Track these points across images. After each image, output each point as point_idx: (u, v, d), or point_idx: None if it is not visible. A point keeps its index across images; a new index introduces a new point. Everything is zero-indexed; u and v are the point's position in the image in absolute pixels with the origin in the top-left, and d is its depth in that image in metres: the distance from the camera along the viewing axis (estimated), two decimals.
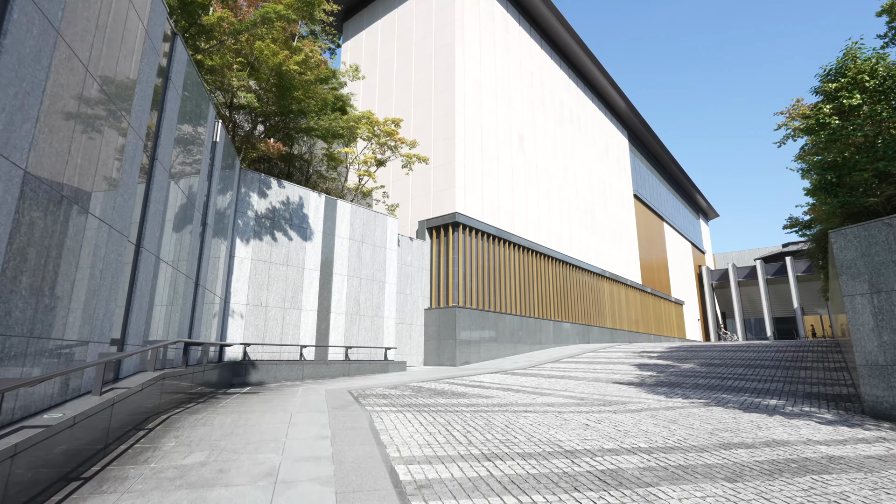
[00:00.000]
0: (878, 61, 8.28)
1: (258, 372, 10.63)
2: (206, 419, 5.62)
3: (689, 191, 53.79)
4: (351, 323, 13.50)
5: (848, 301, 7.68)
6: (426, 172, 19.04)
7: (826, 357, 12.92)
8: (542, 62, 26.55)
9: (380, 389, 9.35)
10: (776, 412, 7.32)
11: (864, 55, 8.55)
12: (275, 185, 12.30)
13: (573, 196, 27.28)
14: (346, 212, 13.96)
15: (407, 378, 11.84)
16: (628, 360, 14.88)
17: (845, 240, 7.75)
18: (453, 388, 9.88)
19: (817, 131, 8.78)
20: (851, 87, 8.36)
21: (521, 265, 21.45)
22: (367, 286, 14.13)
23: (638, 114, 36.72)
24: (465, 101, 19.50)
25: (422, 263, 17.92)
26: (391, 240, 15.24)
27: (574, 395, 9.04)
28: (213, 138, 8.74)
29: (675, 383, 10.39)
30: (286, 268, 12.20)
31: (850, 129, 8.15)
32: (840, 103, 8.41)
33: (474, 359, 17.18)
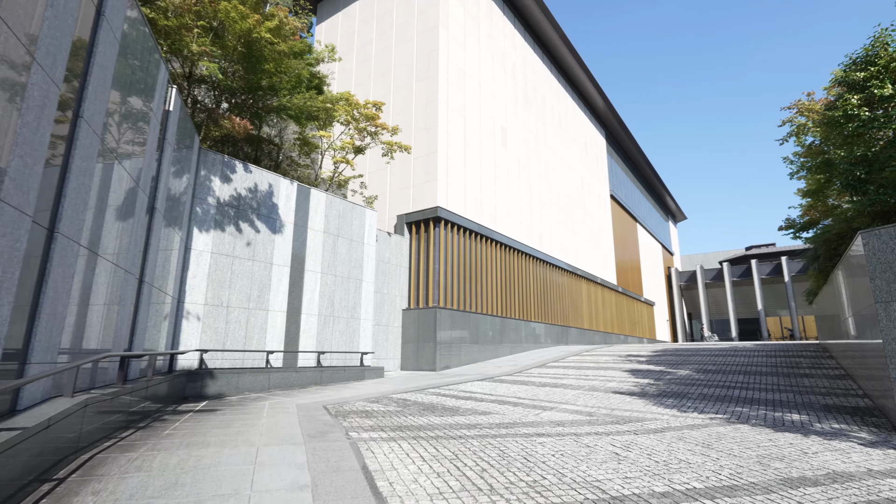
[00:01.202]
0: None
1: (217, 382, 9.22)
2: (143, 459, 4.31)
3: (660, 193, 54.51)
4: (324, 325, 12.18)
5: (882, 308, 7.01)
6: (406, 163, 17.84)
7: (820, 363, 12.53)
8: (525, 55, 25.73)
9: (360, 404, 8.15)
10: (809, 431, 6.59)
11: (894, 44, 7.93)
12: (240, 169, 10.85)
13: (554, 194, 26.63)
14: (321, 202, 12.62)
15: (387, 387, 10.66)
16: (617, 366, 14.17)
17: (880, 241, 7.09)
18: (443, 401, 8.79)
19: (843, 123, 8.13)
20: (883, 76, 7.73)
21: (503, 264, 20.55)
22: (342, 284, 12.84)
23: (616, 113, 36.55)
24: (448, 88, 18.39)
25: (400, 261, 16.73)
26: (369, 234, 13.98)
27: (579, 409, 8.11)
28: (165, 106, 7.31)
29: (679, 393, 9.64)
30: (252, 263, 10.78)
31: (882, 122, 7.51)
32: (871, 93, 7.78)
33: (454, 363, 16.15)
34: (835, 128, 8.26)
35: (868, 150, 7.70)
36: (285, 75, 10.91)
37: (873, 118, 7.68)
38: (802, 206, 16.17)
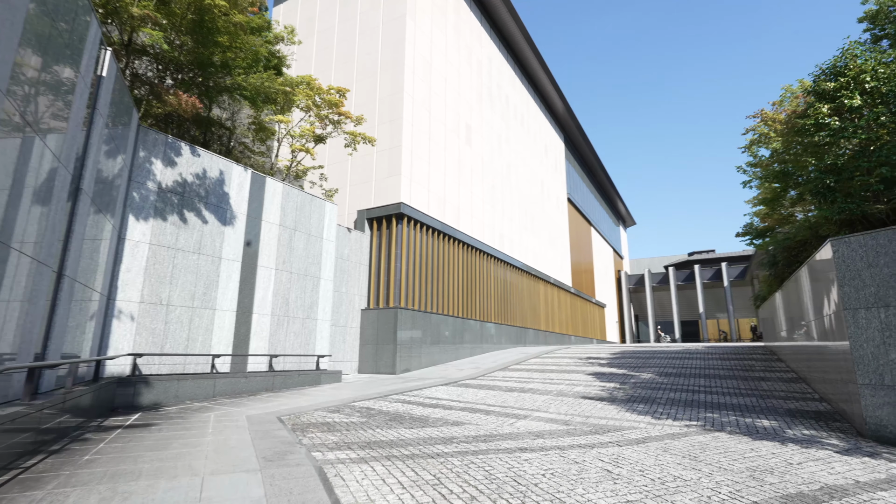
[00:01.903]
0: (879, 63, 7.87)
1: (153, 391, 8.16)
2: (52, 501, 3.43)
3: (613, 198, 56.22)
4: (278, 326, 11.24)
5: (850, 314, 7.10)
6: (368, 157, 17.03)
7: (772, 366, 12.95)
8: (490, 53, 25.49)
9: (319, 414, 7.40)
10: (784, 439, 6.53)
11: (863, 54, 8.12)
12: (187, 151, 9.74)
13: (516, 195, 26.57)
14: (277, 193, 11.64)
15: (347, 394, 9.91)
16: (580, 369, 14.08)
17: (849, 249, 7.18)
18: (409, 409, 8.18)
19: (813, 132, 8.24)
20: (852, 88, 7.88)
21: (465, 264, 20.15)
22: (298, 282, 11.92)
23: (574, 117, 37.17)
24: (414, 81, 17.75)
25: (360, 258, 15.92)
26: (329, 229, 13.12)
27: (553, 417, 7.76)
28: (97, 70, 6.27)
29: (648, 398, 9.53)
30: (198, 257, 9.71)
31: (851, 132, 7.64)
32: (841, 103, 7.91)
33: (415, 365, 15.54)
34: (804, 136, 8.37)
35: (837, 159, 7.82)
36: (241, 52, 9.91)
37: (843, 128, 7.80)
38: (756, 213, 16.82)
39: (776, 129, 11.17)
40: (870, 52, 8.08)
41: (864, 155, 7.65)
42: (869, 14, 9.59)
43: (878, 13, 9.30)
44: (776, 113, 11.31)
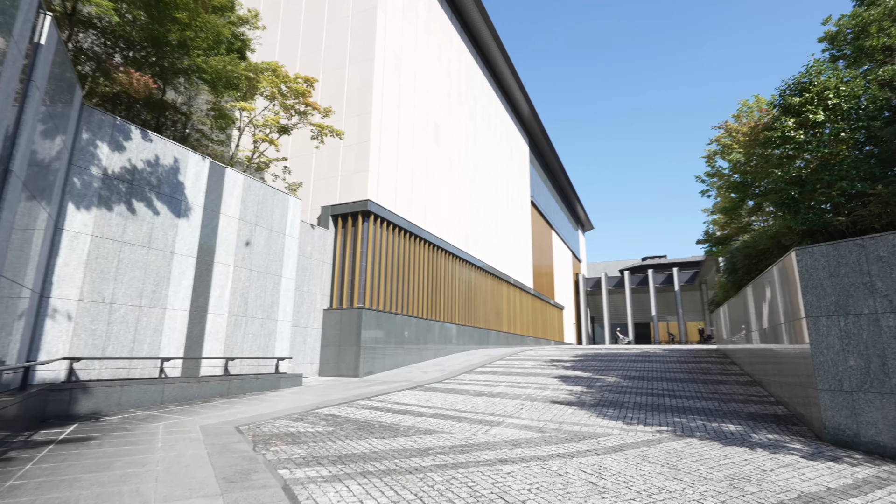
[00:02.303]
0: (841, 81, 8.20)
1: (92, 398, 7.39)
2: None
3: (573, 202, 57.51)
4: (235, 327, 10.54)
5: (811, 322, 7.34)
6: (335, 151, 16.43)
7: (727, 369, 13.43)
8: (460, 53, 25.32)
9: (282, 423, 6.91)
10: (753, 444, 6.64)
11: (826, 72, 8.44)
12: (137, 136, 8.92)
13: (482, 196, 26.53)
14: (238, 185, 10.93)
15: (309, 399, 9.40)
16: (545, 371, 14.11)
17: (812, 258, 7.42)
18: (378, 416, 7.80)
19: (779, 144, 8.50)
20: (816, 103, 8.17)
21: (430, 264, 19.86)
22: (258, 280, 11.25)
23: (539, 121, 37.66)
24: (384, 75, 17.29)
25: (323, 256, 15.31)
26: (292, 224, 12.48)
27: (527, 423, 7.60)
28: (34, 36, 5.53)
29: (616, 402, 9.58)
30: (147, 251, 8.92)
31: (815, 146, 7.92)
32: (806, 118, 8.19)
33: (378, 367, 15.11)
34: (771, 147, 8.63)
35: (801, 171, 8.08)
36: (201, 31, 9.19)
37: (807, 141, 8.07)
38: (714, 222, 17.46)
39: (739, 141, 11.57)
40: (832, 71, 8.41)
41: (826, 169, 7.94)
42: (828, 35, 10.06)
43: (836, 34, 9.75)
44: (740, 125, 11.71)
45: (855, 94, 8.08)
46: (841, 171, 7.69)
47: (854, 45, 9.10)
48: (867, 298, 6.86)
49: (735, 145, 11.90)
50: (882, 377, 6.59)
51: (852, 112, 8.05)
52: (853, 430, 6.74)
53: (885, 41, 8.69)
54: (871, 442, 6.55)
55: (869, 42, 8.85)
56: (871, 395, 6.67)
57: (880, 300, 6.74)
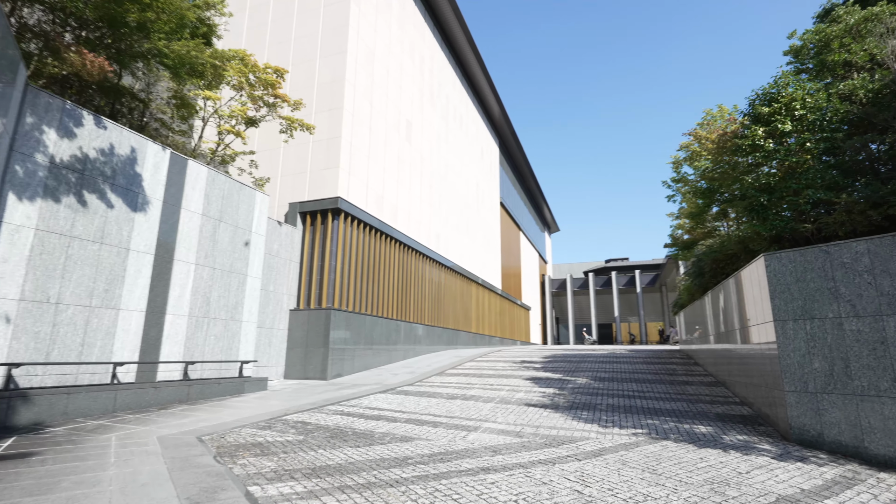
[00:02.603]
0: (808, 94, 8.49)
1: (34, 407, 6.75)
2: None
3: (540, 204, 58.31)
4: (196, 328, 9.94)
5: (779, 325, 7.55)
6: (304, 146, 15.89)
7: (691, 370, 13.80)
8: (432, 50, 25.12)
9: (249, 432, 6.50)
10: (725, 446, 6.75)
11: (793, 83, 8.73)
12: (90, 122, 8.25)
13: (453, 196, 26.41)
14: (201, 178, 10.32)
15: (276, 405, 8.96)
16: (516, 373, 14.09)
17: (780, 264, 7.64)
18: (351, 423, 7.49)
19: (749, 152, 8.73)
20: (785, 113, 8.44)
21: (401, 264, 19.56)
22: (222, 279, 10.67)
23: (510, 123, 37.92)
24: (356, 69, 16.87)
25: (290, 255, 14.77)
26: (259, 221, 11.93)
27: (504, 428, 7.48)
28: None
29: (589, 405, 9.62)
30: (99, 247, 8.26)
31: (783, 154, 8.17)
32: (775, 127, 8.44)
33: (347, 370, 14.70)
34: (741, 154, 8.85)
35: (770, 178, 8.32)
36: (164, 13, 8.59)
37: (776, 150, 8.31)
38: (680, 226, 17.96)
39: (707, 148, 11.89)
40: (799, 83, 8.70)
41: (793, 177, 8.19)
42: (793, 48, 10.47)
43: (801, 49, 10.15)
44: (708, 133, 12.05)
45: (819, 107, 8.38)
46: (806, 179, 7.95)
47: (817, 60, 9.46)
48: (832, 303, 7.11)
49: (703, 152, 12.24)
50: (845, 379, 6.84)
51: (817, 123, 8.36)
52: (817, 431, 6.97)
53: (846, 57, 9.08)
54: (834, 441, 6.78)
55: (831, 57, 9.21)
56: (834, 397, 6.90)
57: (844, 305, 6.99)
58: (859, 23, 9.21)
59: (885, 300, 6.65)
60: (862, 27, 9.24)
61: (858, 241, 6.94)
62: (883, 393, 6.50)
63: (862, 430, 6.58)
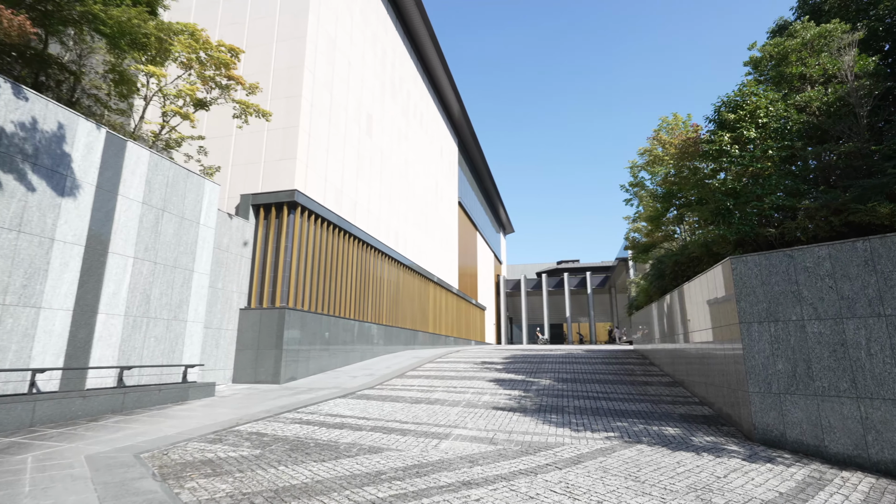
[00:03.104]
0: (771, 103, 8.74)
1: None
2: None
3: (496, 205, 58.84)
4: (134, 329, 8.93)
5: (744, 328, 7.69)
6: (258, 134, 14.90)
7: (649, 370, 14.10)
8: (394, 44, 24.52)
9: (196, 447, 5.79)
10: (697, 448, 6.75)
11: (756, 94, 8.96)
12: (8, 91, 7.14)
13: (412, 194, 25.91)
14: (142, 162, 9.29)
15: (226, 413, 8.18)
16: (479, 375, 13.86)
17: (745, 267, 7.78)
18: (312, 433, 6.89)
19: (716, 157, 8.88)
20: (749, 120, 8.64)
21: (359, 262, 18.87)
22: (165, 275, 9.67)
23: (469, 122, 37.87)
24: (316, 56, 16.05)
25: (242, 250, 13.78)
26: (208, 212, 10.96)
27: (475, 434, 7.15)
28: None
29: (556, 407, 9.49)
30: (17, 236, 7.18)
31: (748, 160, 8.35)
32: (740, 133, 8.62)
33: (302, 372, 13.91)
34: (710, 159, 9.00)
35: (735, 183, 8.48)
36: None
37: (741, 155, 8.48)
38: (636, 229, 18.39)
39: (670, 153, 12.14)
40: (762, 92, 8.94)
41: (757, 182, 8.38)
42: (753, 59, 10.84)
43: (760, 60, 10.51)
44: (672, 138, 12.32)
45: (780, 115, 8.64)
46: (770, 185, 8.15)
47: (776, 71, 9.80)
48: (795, 306, 7.29)
49: (666, 157, 12.50)
50: (807, 380, 7.02)
51: (779, 131, 8.61)
52: (780, 431, 7.12)
53: (802, 70, 9.44)
54: (796, 441, 6.94)
55: (789, 69, 9.56)
56: (796, 397, 7.07)
57: (806, 308, 7.19)
58: (814, 38, 9.61)
59: (845, 304, 6.88)
60: (816, 43, 9.65)
61: (820, 246, 7.15)
62: (842, 393, 6.70)
63: (822, 430, 6.76)
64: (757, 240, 8.45)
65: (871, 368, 6.53)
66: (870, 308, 6.66)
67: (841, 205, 7.02)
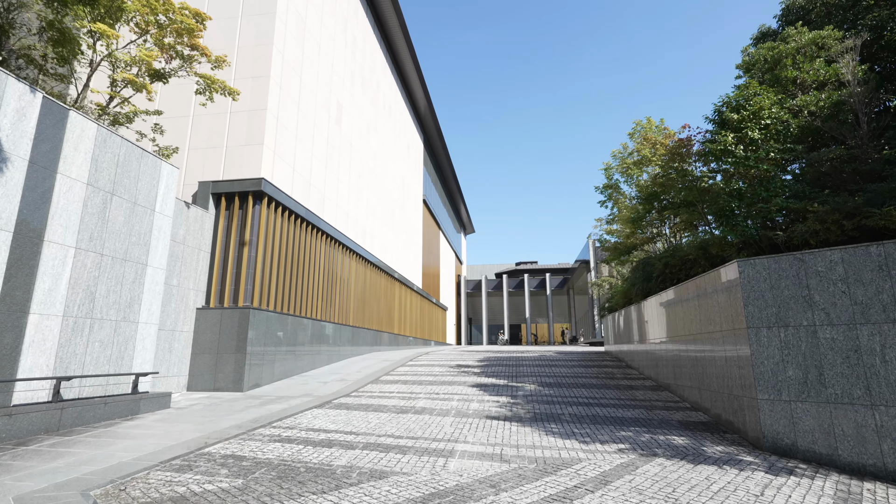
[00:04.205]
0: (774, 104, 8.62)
1: None
2: None
3: (458, 205, 58.49)
4: (74, 333, 7.58)
5: (752, 332, 7.46)
6: (220, 116, 13.53)
7: (628, 374, 13.97)
8: (365, 32, 23.45)
9: (161, 478, 4.76)
10: (717, 461, 6.39)
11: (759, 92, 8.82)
12: None
13: (380, 189, 24.91)
14: (88, 136, 7.93)
15: (188, 430, 7.05)
16: (458, 379, 13.21)
17: (754, 270, 7.56)
18: (298, 453, 5.96)
19: (720, 157, 8.66)
20: (754, 121, 8.48)
21: (327, 259, 17.74)
22: (114, 269, 8.33)
23: (436, 118, 37.20)
24: (286, 36, 14.84)
25: (200, 243, 12.42)
26: (165, 199, 9.65)
27: (482, 451, 6.47)
28: None
29: (552, 416, 8.99)
30: None
31: (753, 161, 8.17)
32: (745, 134, 8.44)
33: (266, 378, 12.72)
34: (712, 160, 8.78)
35: (740, 184, 8.28)
36: None
37: (746, 156, 8.29)
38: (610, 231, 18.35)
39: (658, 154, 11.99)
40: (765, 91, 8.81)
41: (761, 184, 8.21)
42: (745, 63, 10.82)
43: (753, 63, 10.49)
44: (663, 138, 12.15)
45: (781, 118, 8.53)
46: (774, 188, 7.98)
47: (771, 75, 9.75)
48: (806, 311, 7.12)
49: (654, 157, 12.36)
50: (819, 387, 6.84)
51: (781, 133, 8.49)
52: (791, 439, 6.90)
53: (796, 74, 9.43)
54: (808, 450, 6.73)
55: (784, 73, 9.52)
56: (808, 405, 6.88)
57: (818, 313, 7.02)
58: (808, 44, 9.64)
59: (858, 309, 6.74)
60: (808, 49, 9.69)
61: (832, 250, 7.01)
62: (856, 401, 6.55)
63: (836, 438, 6.58)
64: (760, 242, 8.27)
65: (887, 375, 6.41)
66: (885, 314, 6.55)
67: (853, 208, 6.88)
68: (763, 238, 7.98)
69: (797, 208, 7.63)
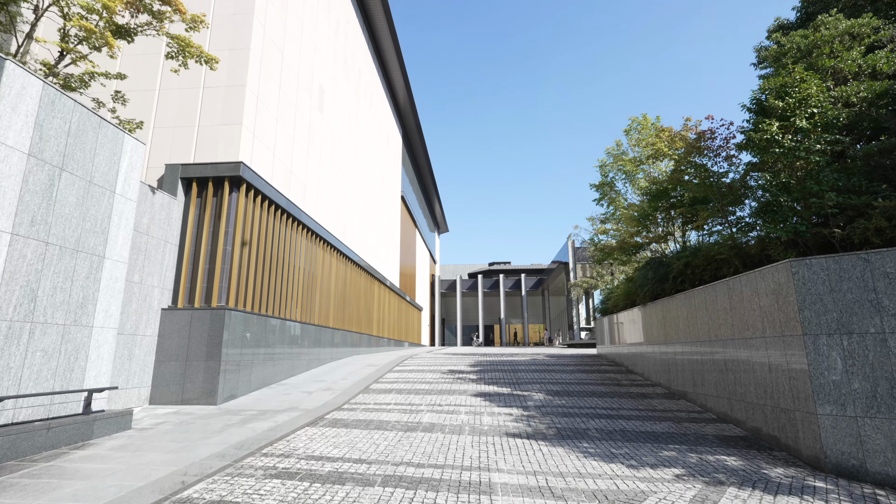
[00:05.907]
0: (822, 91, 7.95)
1: None
2: None
3: (434, 204, 57.35)
4: (8, 340, 6.03)
5: (809, 340, 6.73)
6: (192, 91, 11.95)
7: (633, 379, 13.25)
8: (348, 16, 22.04)
9: None
10: (788, 488, 5.57)
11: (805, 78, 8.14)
12: None
13: (361, 182, 23.53)
14: (31, 95, 6.38)
15: (157, 461, 5.66)
16: (456, 388, 12.13)
17: (810, 271, 6.84)
18: (303, 494, 4.74)
19: (764, 147, 7.93)
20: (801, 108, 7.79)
21: (308, 255, 16.29)
22: (62, 262, 6.79)
23: (415, 112, 35.98)
24: (267, 7, 13.36)
25: (167, 234, 10.84)
26: (127, 179, 8.11)
27: (527, 484, 5.42)
28: None
29: (578, 431, 8.05)
30: None
31: (803, 153, 7.46)
32: (792, 122, 7.73)
33: (243, 388, 11.27)
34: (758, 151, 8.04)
35: (790, 177, 7.57)
36: None
37: (795, 147, 7.57)
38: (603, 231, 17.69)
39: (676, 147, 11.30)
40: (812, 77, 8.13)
41: (811, 177, 7.51)
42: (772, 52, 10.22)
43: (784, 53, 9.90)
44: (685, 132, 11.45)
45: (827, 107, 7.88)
46: (826, 181, 7.29)
47: (807, 63, 9.13)
48: (873, 317, 6.42)
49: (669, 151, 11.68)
50: (890, 401, 6.14)
51: (829, 124, 7.84)
52: (859, 460, 6.18)
53: (834, 63, 8.84)
54: (880, 472, 6.01)
55: (821, 62, 8.91)
56: (878, 421, 6.17)
57: (888, 319, 6.34)
58: (844, 32, 9.08)
59: None
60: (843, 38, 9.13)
61: None
62: None
63: None
64: (807, 241, 7.57)
65: None
66: None
67: None
68: (817, 235, 7.27)
69: (856, 204, 6.92)
